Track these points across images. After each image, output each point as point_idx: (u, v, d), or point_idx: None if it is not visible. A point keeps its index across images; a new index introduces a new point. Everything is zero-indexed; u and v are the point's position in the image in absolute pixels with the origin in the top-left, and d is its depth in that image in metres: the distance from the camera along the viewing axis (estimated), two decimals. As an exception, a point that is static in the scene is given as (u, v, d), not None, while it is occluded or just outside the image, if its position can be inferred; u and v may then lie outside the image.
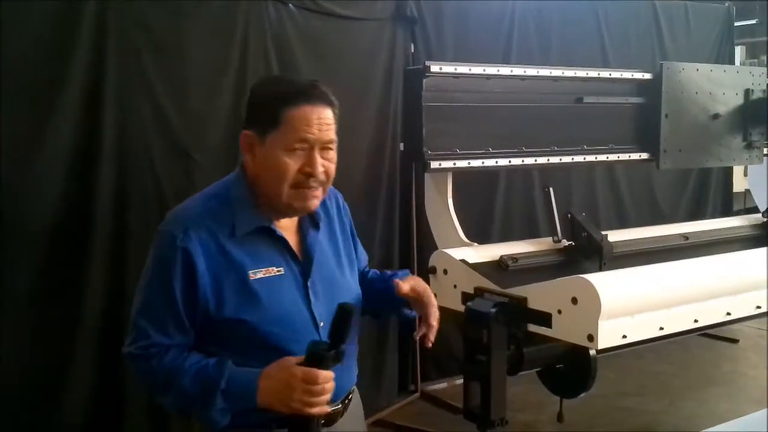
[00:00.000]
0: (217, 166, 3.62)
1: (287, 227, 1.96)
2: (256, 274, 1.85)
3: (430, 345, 2.06)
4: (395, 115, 4.53)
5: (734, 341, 6.12)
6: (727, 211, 6.64)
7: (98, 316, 3.28)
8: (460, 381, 4.81)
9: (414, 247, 4.76)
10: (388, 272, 2.23)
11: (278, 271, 1.89)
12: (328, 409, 1.79)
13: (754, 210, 3.82)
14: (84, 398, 3.27)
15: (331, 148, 1.88)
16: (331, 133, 1.87)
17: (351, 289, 2.05)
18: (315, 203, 1.91)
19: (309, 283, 1.92)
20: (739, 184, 7.31)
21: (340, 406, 1.98)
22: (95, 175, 3.26)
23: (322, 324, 1.91)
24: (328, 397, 1.75)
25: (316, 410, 1.74)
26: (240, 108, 3.74)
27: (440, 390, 4.94)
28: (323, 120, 1.84)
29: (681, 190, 6.54)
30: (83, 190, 3.24)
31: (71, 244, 3.21)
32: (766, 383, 4.96)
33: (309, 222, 1.99)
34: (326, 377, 1.73)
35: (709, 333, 5.83)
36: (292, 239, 1.95)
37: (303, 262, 1.94)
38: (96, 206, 3.26)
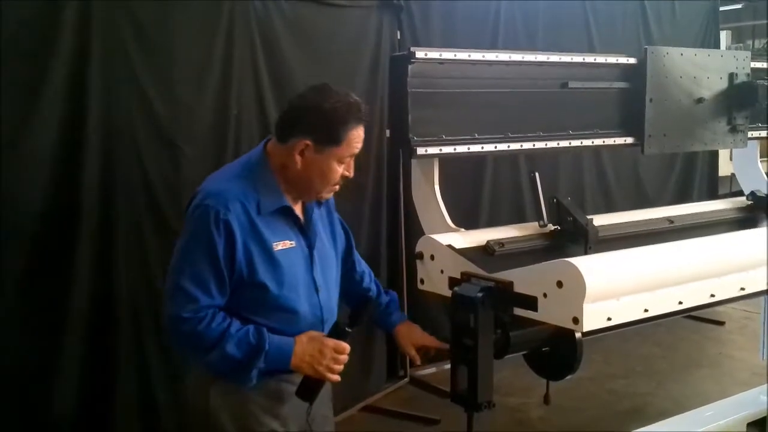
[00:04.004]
0: (204, 155, 3.63)
1: (296, 206, 2.29)
2: (278, 246, 2.19)
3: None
4: (382, 102, 4.53)
5: (720, 323, 6.19)
6: (712, 195, 6.70)
7: (86, 305, 3.29)
8: (448, 366, 4.86)
9: (402, 233, 4.78)
10: (384, 297, 2.68)
11: (291, 243, 2.23)
12: (338, 378, 2.20)
13: (740, 194, 3.84)
14: (74, 387, 3.28)
15: None
16: None
17: (335, 259, 2.44)
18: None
19: (313, 254, 2.29)
20: (724, 168, 7.37)
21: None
22: (81, 166, 3.26)
23: (320, 288, 2.30)
24: (342, 367, 2.18)
25: (334, 377, 2.19)
26: (226, 95, 3.75)
27: (429, 375, 4.97)
28: (363, 135, 2.24)
29: (667, 175, 6.58)
30: (69, 180, 3.24)
31: (58, 233, 3.21)
32: (751, 365, 5.03)
33: (314, 201, 2.34)
34: (348, 349, 2.18)
35: (695, 315, 5.87)
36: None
37: (309, 235, 2.30)
38: (82, 196, 3.26)
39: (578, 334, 2.42)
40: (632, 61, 3.28)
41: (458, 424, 2.54)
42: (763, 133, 3.77)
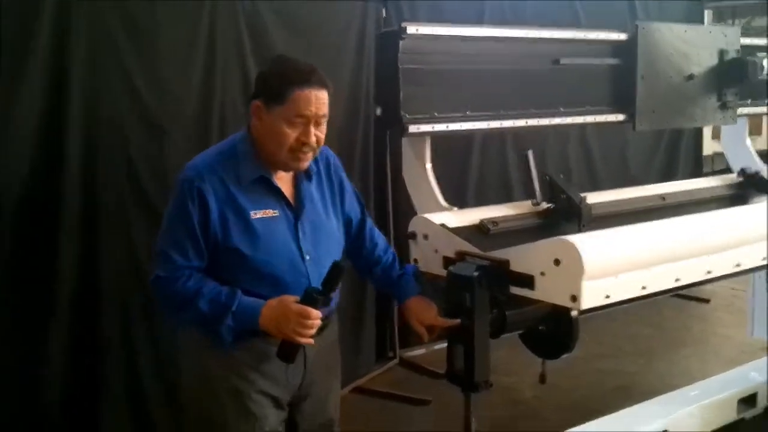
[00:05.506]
0: (189, 139, 3.57)
1: (284, 178, 2.37)
2: (256, 214, 2.28)
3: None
4: (368, 81, 4.48)
5: (706, 301, 6.21)
6: (697, 174, 6.69)
7: (73, 293, 3.24)
8: (438, 346, 4.84)
9: (390, 214, 4.74)
10: (395, 270, 2.66)
11: (274, 213, 2.32)
12: (311, 341, 2.22)
13: (723, 172, 3.84)
14: (60, 380, 3.23)
15: (322, 122, 2.29)
16: (324, 109, 2.27)
17: (333, 231, 2.48)
18: (305, 164, 2.34)
19: (298, 224, 2.35)
20: (707, 147, 7.38)
21: (321, 323, 2.30)
22: (64, 153, 3.18)
23: (308, 257, 2.34)
24: (314, 331, 2.20)
25: (304, 340, 2.20)
26: (212, 81, 3.70)
27: (419, 356, 4.95)
28: (319, 100, 2.25)
29: (652, 153, 6.57)
30: (52, 167, 3.16)
31: (42, 221, 3.15)
32: (738, 342, 5.06)
33: (303, 174, 2.40)
34: (316, 315, 2.19)
35: (681, 293, 5.89)
36: (287, 188, 2.37)
37: (295, 207, 2.37)
38: (65, 183, 3.19)
39: (574, 313, 2.40)
40: (623, 37, 3.26)
41: (449, 404, 2.53)
42: (753, 110, 3.76)
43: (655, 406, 3.50)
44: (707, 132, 7.48)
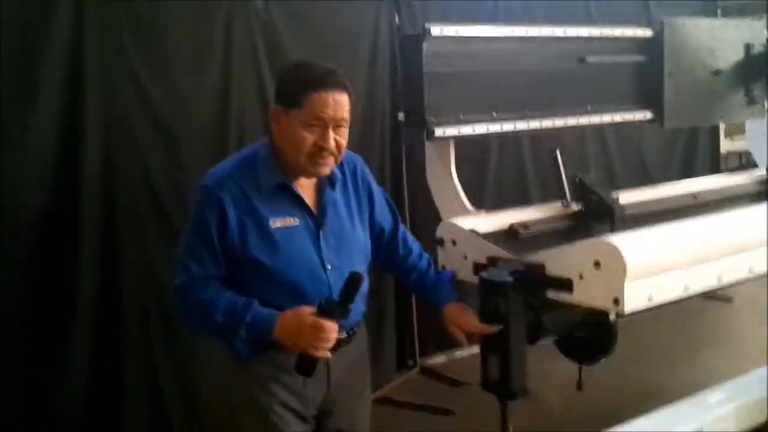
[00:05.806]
0: (203, 144, 3.56)
1: (306, 185, 2.31)
2: (276, 223, 2.21)
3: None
4: (383, 86, 4.43)
5: (728, 300, 6.10)
6: (715, 172, 6.60)
7: (92, 297, 3.24)
8: (459, 354, 4.77)
9: (407, 221, 4.66)
10: (431, 277, 2.58)
11: (294, 221, 2.25)
12: (328, 355, 2.12)
13: (737, 170, 3.76)
14: (82, 383, 3.22)
15: (342, 126, 2.20)
16: (343, 113, 2.19)
17: (359, 241, 2.40)
18: (326, 170, 2.25)
19: (320, 233, 2.28)
20: (723, 146, 7.30)
21: (345, 335, 2.32)
22: (80, 162, 3.19)
23: (329, 267, 2.26)
24: (330, 344, 2.10)
25: (319, 354, 2.10)
26: (227, 88, 3.69)
27: (440, 364, 4.87)
28: (338, 103, 2.16)
29: (670, 152, 6.49)
30: (69, 177, 3.16)
31: (62, 224, 3.15)
32: (760, 340, 4.95)
33: (327, 182, 2.32)
34: (331, 328, 2.08)
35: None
36: (309, 196, 2.31)
37: (317, 215, 2.29)
38: (85, 186, 3.19)
39: (612, 316, 2.33)
40: (649, 33, 3.19)
41: (473, 413, 2.45)
42: (779, 105, 3.69)
43: (687, 408, 3.42)
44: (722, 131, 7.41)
